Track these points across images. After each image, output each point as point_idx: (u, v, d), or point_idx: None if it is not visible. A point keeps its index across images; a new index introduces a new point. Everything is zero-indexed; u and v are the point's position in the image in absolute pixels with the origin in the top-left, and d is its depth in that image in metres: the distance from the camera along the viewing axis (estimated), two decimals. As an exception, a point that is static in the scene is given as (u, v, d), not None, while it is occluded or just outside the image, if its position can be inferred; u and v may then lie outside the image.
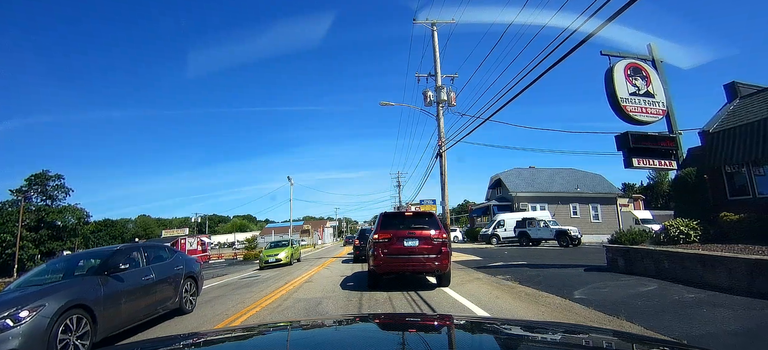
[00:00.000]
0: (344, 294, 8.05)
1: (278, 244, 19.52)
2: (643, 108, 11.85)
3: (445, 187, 16.89)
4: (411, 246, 7.41)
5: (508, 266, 12.05)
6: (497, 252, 18.79)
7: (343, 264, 16.04)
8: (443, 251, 7.46)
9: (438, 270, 7.50)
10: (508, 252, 18.37)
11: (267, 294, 9.14)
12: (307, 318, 5.42)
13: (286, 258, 17.39)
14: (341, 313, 6.07)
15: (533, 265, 11.90)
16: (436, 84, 17.77)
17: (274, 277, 12.91)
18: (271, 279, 12.35)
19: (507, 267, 11.64)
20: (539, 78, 8.25)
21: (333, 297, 7.75)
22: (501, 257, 15.71)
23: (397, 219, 8.18)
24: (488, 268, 11.66)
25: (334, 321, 2.13)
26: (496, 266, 12.23)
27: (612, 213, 34.55)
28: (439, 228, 7.68)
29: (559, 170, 37.12)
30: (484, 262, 13.52)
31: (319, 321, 2.85)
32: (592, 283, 7.88)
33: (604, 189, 35.20)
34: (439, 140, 17.36)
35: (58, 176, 47.83)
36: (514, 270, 10.69)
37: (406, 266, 7.50)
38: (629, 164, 11.49)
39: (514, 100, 9.85)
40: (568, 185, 34.64)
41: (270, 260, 17.23)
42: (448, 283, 7.85)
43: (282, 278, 12.38)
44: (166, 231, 37.05)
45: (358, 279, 10.32)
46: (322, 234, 72.69)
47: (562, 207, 32.12)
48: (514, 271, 10.52)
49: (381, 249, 7.45)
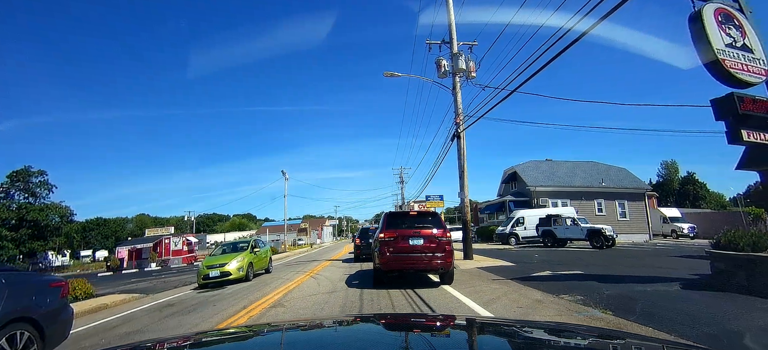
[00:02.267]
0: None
1: (235, 247, 12.64)
2: (745, 65, 8.46)
3: (465, 174, 13.66)
4: (416, 244, 7.58)
5: (560, 278, 8.82)
6: (525, 256, 15.53)
7: (342, 267, 12.80)
8: (447, 249, 7.61)
9: (442, 268, 7.65)
10: (539, 256, 15.12)
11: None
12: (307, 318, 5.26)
13: (238, 270, 10.97)
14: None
15: (597, 277, 8.63)
16: (452, 50, 14.53)
17: (194, 308, 7.85)
18: (176, 315, 7.26)
19: (561, 280, 8.41)
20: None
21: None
22: (536, 262, 12.48)
23: (401, 219, 8.39)
24: (532, 279, 8.45)
25: (335, 322, 2.05)
26: (542, 277, 9.01)
27: (640, 210, 31.19)
28: (442, 228, 7.89)
29: (580, 163, 33.77)
30: (521, 270, 10.30)
31: (317, 321, 2.46)
32: (741, 318, 4.68)
33: (631, 184, 31.83)
34: (456, 118, 14.14)
35: (41, 172, 44.93)
36: (578, 286, 7.46)
37: (411, 264, 7.65)
38: (736, 138, 8.07)
39: (541, 71, 8.17)
40: (591, 179, 31.29)
41: (212, 274, 10.82)
42: (451, 282, 7.92)
43: (204, 310, 7.46)
44: (150, 230, 34.10)
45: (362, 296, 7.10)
46: (321, 233, 69.29)
47: (585, 204, 28.79)
48: (578, 287, 7.30)
49: (387, 248, 7.60)
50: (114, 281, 19.22)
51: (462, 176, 13.68)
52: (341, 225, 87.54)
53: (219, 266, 10.89)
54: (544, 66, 8.10)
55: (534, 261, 13.04)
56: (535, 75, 8.65)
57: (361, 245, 16.11)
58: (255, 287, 10.07)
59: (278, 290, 9.08)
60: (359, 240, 16.80)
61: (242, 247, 12.31)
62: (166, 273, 21.71)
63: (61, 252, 47.65)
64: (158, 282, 15.42)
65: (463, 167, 13.69)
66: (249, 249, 12.04)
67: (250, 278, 11.42)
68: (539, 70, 8.40)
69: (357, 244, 16.87)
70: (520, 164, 31.74)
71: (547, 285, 7.76)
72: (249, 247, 12.17)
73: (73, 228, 48.71)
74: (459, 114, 14.05)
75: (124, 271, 29.99)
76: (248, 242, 12.77)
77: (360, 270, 12.52)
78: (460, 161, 13.78)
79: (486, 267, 11.35)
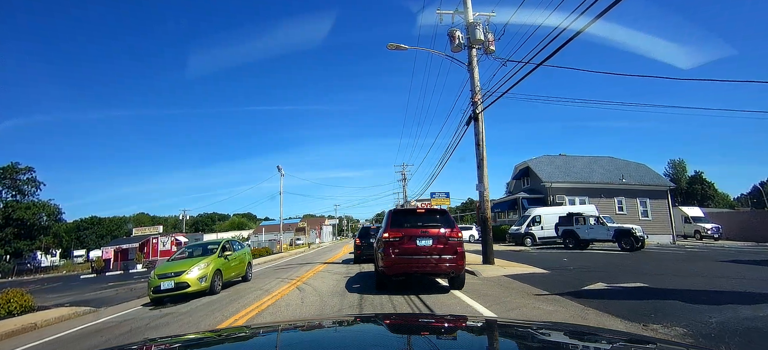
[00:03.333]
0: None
1: (204, 250, 9.95)
2: None
3: (484, 163, 11.51)
4: (424, 245, 6.94)
5: (623, 294, 6.66)
6: (552, 259, 13.36)
7: (338, 273, 10.69)
8: (459, 251, 6.97)
9: (453, 271, 7.00)
10: (569, 260, 12.93)
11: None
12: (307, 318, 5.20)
13: (199, 280, 8.43)
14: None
15: (673, 294, 6.45)
16: (467, 19, 12.38)
17: (122, 336, 5.94)
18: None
19: (628, 297, 6.26)
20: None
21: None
22: (573, 269, 10.32)
23: (407, 217, 7.65)
24: (588, 296, 6.30)
25: (335, 322, 2.06)
26: (598, 292, 6.85)
27: (663, 209, 28.89)
28: (453, 227, 7.20)
29: (597, 158, 31.48)
30: (562, 280, 8.15)
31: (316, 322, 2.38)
32: None
33: (653, 181, 29.53)
34: (473, 97, 11.98)
35: (28, 169, 43.09)
36: (661, 308, 5.31)
37: (419, 267, 6.95)
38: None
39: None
40: (610, 175, 29.01)
41: (164, 286, 8.27)
42: (462, 286, 7.35)
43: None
44: (137, 230, 32.08)
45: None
46: (320, 232, 66.85)
47: (605, 202, 26.54)
48: (663, 310, 5.16)
49: (391, 249, 6.98)
50: (89, 285, 17.30)
51: (481, 165, 11.52)
52: (341, 224, 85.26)
53: (174, 275, 8.20)
54: (573, 36, 6.98)
55: (568, 266, 10.88)
56: (565, 46, 7.30)
57: (362, 245, 15.25)
58: (220, 303, 7.87)
59: (248, 309, 6.90)
60: (360, 240, 15.81)
61: (211, 249, 9.66)
62: (148, 277, 19.78)
63: (49, 251, 45.62)
64: (126, 289, 13.32)
65: (482, 155, 11.54)
66: (217, 253, 9.37)
67: (216, 290, 8.79)
68: (569, 41, 7.11)
69: (357, 244, 15.87)
70: (533, 159, 29.44)
71: (617, 306, 5.59)
72: (218, 250, 9.50)
73: (61, 227, 46.76)
74: (477, 92, 11.89)
75: (108, 273, 27.96)
76: (218, 243, 9.96)
77: (360, 272, 10.44)
78: (478, 149, 11.63)
79: (514, 274, 9.19)
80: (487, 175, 11.54)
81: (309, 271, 12.88)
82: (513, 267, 10.60)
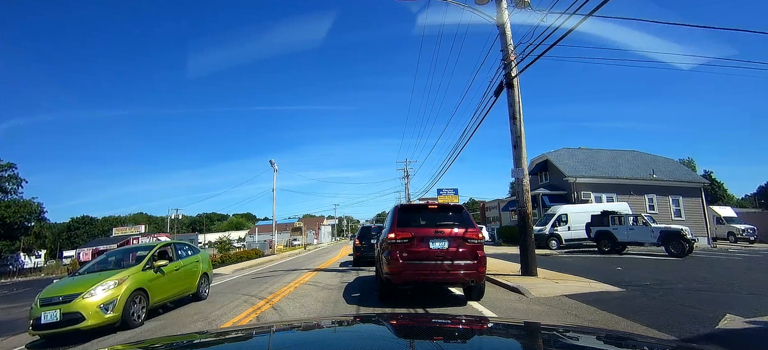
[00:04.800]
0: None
1: (123, 258, 7.00)
2: None
3: (522, 141, 8.73)
4: (438, 248, 5.90)
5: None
6: (602, 268, 10.60)
7: (328, 287, 7.97)
8: (479, 255, 5.93)
9: (473, 279, 5.92)
10: (627, 269, 10.17)
11: None
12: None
13: (101, 308, 5.33)
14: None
15: None
16: (496, -39, 9.64)
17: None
18: None
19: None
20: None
21: None
22: (643, 283, 7.55)
23: (417, 214, 6.48)
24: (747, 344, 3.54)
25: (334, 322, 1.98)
26: (744, 332, 4.09)
27: (696, 208, 26.03)
28: (472, 225, 6.16)
29: (621, 151, 28.60)
30: (657, 307, 5.42)
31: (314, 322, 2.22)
32: None
33: (685, 177, 26.68)
34: (504, 59, 9.23)
35: (9, 165, 40.52)
36: None
37: (432, 275, 5.89)
38: None
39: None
40: (638, 170, 26.16)
41: (47, 319, 5.14)
42: (481, 297, 6.34)
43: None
44: (117, 229, 29.40)
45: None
46: (318, 233, 63.70)
47: (634, 199, 23.66)
48: None
49: (399, 253, 5.89)
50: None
51: (518, 144, 8.75)
52: (341, 225, 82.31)
53: (62, 301, 5.22)
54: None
55: (642, 281, 8.07)
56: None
57: (362, 247, 13.69)
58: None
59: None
60: (359, 241, 14.16)
61: (139, 257, 6.56)
62: None
63: (32, 252, 43.11)
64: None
65: (519, 131, 8.78)
66: (144, 263, 6.28)
67: (134, 321, 5.70)
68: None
69: (356, 246, 14.27)
70: (552, 152, 26.54)
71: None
72: (146, 258, 6.39)
73: (45, 225, 44.04)
74: (510, 51, 9.14)
75: (83, 277, 25.38)
76: (149, 249, 6.83)
77: (358, 276, 7.80)
78: (514, 123, 8.86)
79: (576, 294, 6.43)
80: (526, 156, 8.78)
81: (293, 282, 10.11)
82: (566, 280, 7.83)
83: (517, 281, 7.59)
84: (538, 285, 7.20)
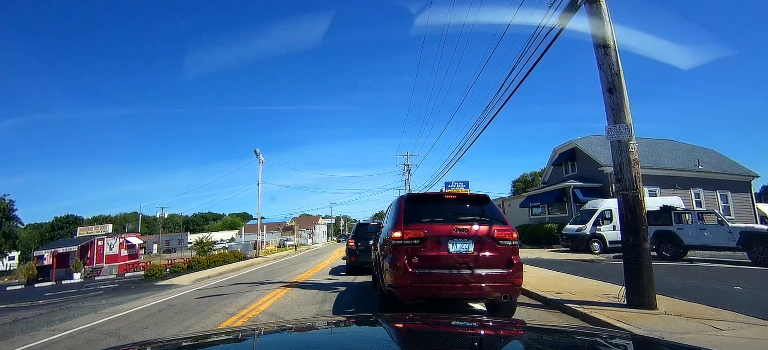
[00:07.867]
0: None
1: None
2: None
3: (621, 78, 5.17)
4: (460, 252, 4.28)
5: None
6: (720, 288, 7.09)
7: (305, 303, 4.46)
8: (514, 262, 4.34)
9: (506, 293, 4.28)
10: (727, 284, 6.66)
11: None
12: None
13: None
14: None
15: None
16: None
17: None
18: None
19: None
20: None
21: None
22: None
23: (430, 206, 4.87)
24: None
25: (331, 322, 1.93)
26: None
27: (746, 204, 22.59)
28: (504, 222, 4.58)
29: (658, 141, 25.05)
30: None
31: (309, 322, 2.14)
32: None
33: (731, 170, 23.18)
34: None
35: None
36: None
37: (452, 287, 4.28)
38: None
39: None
40: (681, 161, 22.66)
41: None
42: (511, 316, 4.62)
43: None
44: (82, 229, 25.92)
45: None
46: (312, 232, 59.86)
47: (680, 193, 20.12)
48: None
49: (407, 258, 4.29)
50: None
51: (614, 89, 5.19)
52: (338, 224, 78.66)
53: None
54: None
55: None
56: None
57: (357, 250, 11.24)
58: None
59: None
60: (354, 243, 11.49)
61: None
62: (78, 291, 14.85)
63: (3, 254, 39.62)
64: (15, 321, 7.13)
65: (617, 69, 5.23)
66: None
67: None
68: None
69: (350, 248, 11.60)
70: (580, 138, 22.94)
71: None
72: None
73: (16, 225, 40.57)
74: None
75: (37, 284, 21.86)
76: None
77: (354, 282, 4.60)
78: (606, 53, 5.30)
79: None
80: (628, 105, 5.23)
81: (247, 308, 6.55)
82: (715, 319, 4.28)
83: (624, 317, 4.09)
84: (673, 331, 3.68)
